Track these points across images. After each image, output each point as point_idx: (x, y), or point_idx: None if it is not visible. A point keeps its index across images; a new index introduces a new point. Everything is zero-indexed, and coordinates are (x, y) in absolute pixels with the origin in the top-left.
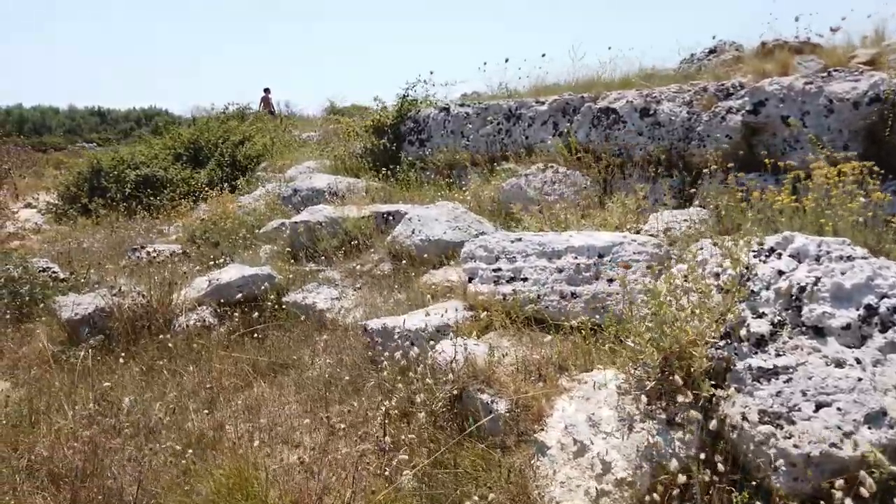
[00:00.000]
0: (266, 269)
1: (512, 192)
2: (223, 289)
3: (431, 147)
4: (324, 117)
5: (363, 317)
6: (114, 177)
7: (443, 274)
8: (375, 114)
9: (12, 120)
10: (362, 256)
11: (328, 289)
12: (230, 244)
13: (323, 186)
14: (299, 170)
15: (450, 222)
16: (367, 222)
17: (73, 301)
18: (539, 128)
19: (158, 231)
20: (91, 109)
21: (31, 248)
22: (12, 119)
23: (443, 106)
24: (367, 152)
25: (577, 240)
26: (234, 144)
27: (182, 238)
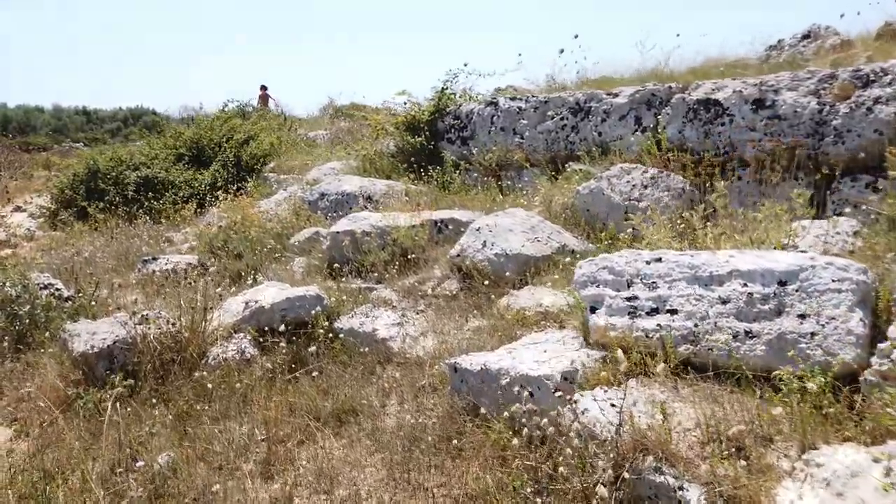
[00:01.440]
0: (313, 289)
1: (591, 198)
2: (264, 313)
3: (476, 145)
4: (331, 115)
5: (436, 348)
6: (112, 178)
7: (529, 296)
8: (409, 109)
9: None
10: (420, 272)
11: (386, 312)
12: (256, 256)
13: (354, 190)
14: (323, 171)
15: (526, 233)
16: (422, 232)
17: (87, 329)
18: (615, 123)
19: (166, 239)
20: (77, 109)
21: (24, 257)
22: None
23: (489, 100)
24: (399, 152)
25: (741, 261)
26: (239, 144)
27: (200, 248)
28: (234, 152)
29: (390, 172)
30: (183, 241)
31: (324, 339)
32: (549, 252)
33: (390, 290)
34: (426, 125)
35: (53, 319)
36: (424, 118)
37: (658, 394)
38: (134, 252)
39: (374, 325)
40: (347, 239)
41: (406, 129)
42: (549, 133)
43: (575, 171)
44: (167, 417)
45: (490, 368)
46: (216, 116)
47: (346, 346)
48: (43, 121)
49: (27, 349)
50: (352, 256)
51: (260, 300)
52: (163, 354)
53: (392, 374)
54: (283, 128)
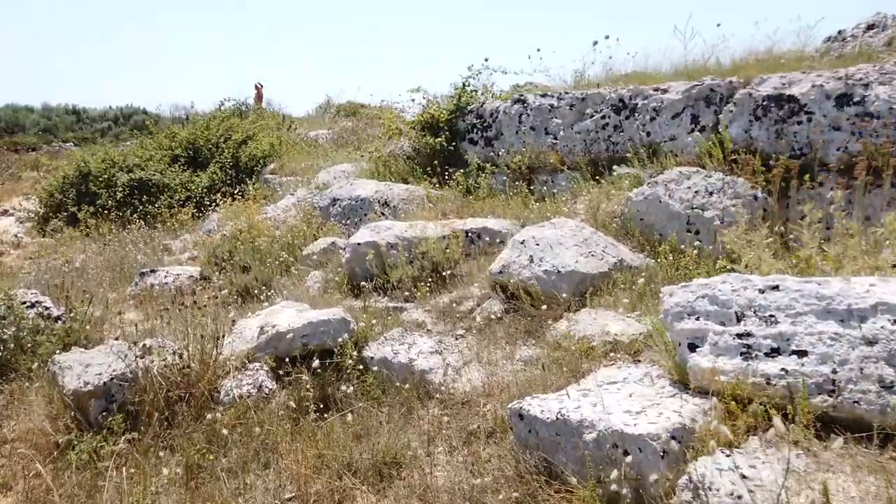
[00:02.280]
0: (338, 312)
1: (646, 206)
2: (282, 340)
3: (502, 146)
4: (332, 114)
5: (484, 383)
6: (104, 181)
7: (591, 321)
8: (427, 108)
9: None
10: (454, 290)
11: (421, 338)
12: (265, 269)
13: (369, 195)
14: (332, 174)
15: (579, 247)
16: (454, 244)
17: (79, 361)
18: (667, 122)
19: (163, 247)
20: (66, 108)
21: (10, 266)
22: None
23: (517, 97)
24: (416, 153)
25: (888, 292)
26: (237, 144)
27: (202, 259)
28: (231, 153)
29: (407, 176)
30: (182, 250)
31: (353, 370)
32: (605, 269)
33: (422, 311)
34: (446, 125)
35: (41, 344)
36: (443, 117)
37: (795, 459)
38: (129, 262)
39: (410, 355)
40: (371, 252)
41: (423, 128)
42: (587, 133)
43: (621, 175)
44: (175, 471)
45: (569, 419)
46: (213, 115)
47: (378, 379)
48: (32, 120)
49: (12, 378)
50: (375, 271)
51: (277, 324)
52: (169, 392)
53: (435, 413)
54: (281, 127)
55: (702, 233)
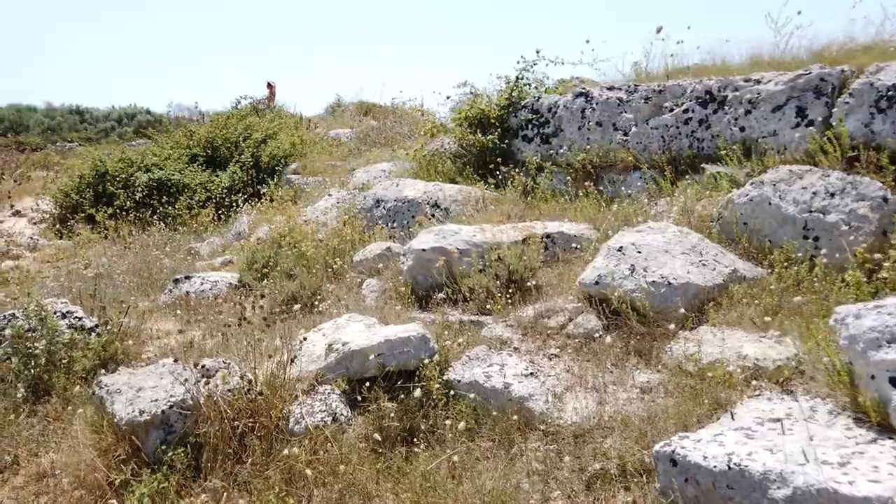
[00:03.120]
0: (416, 328)
1: (752, 209)
2: (354, 359)
3: (562, 144)
4: (351, 112)
5: (595, 413)
6: (121, 181)
7: (717, 342)
8: (475, 103)
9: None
10: (538, 303)
11: (510, 358)
12: (312, 276)
13: (417, 196)
14: (371, 174)
15: (687, 255)
16: (533, 251)
17: (129, 384)
18: (766, 115)
19: (189, 251)
20: (70, 108)
21: (27, 270)
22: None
23: (580, 90)
24: (462, 152)
25: None
26: (257, 143)
27: (240, 264)
28: (252, 153)
29: (454, 175)
30: (212, 254)
31: (440, 395)
32: (720, 280)
33: (504, 326)
34: (497, 121)
35: (77, 360)
36: (494, 113)
37: None
38: (156, 267)
39: (504, 378)
40: (441, 259)
41: (471, 125)
42: (665, 128)
43: (713, 174)
44: None
45: (749, 470)
46: (231, 114)
47: (470, 406)
48: (35, 120)
49: (46, 399)
50: (442, 281)
51: (349, 342)
52: (235, 421)
53: (539, 448)
54: (299, 126)
55: (822, 239)
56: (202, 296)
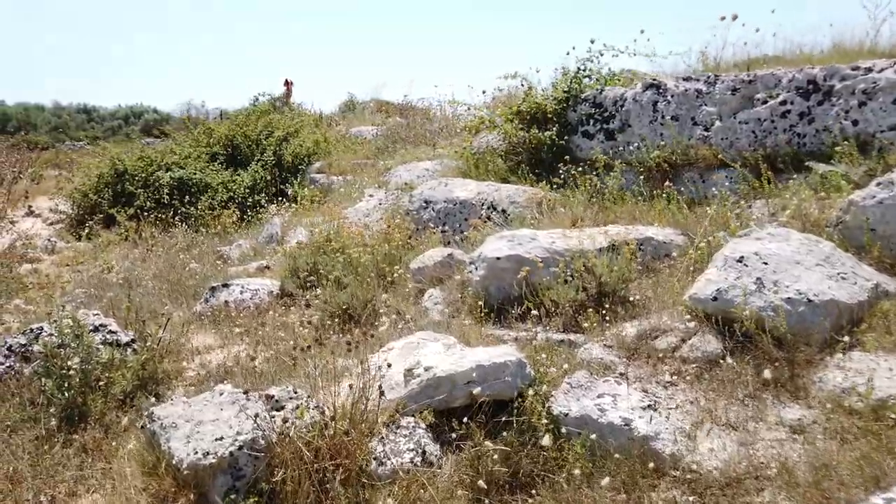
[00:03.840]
0: (509, 350)
1: (881, 213)
2: (440, 387)
3: (630, 140)
4: (372, 110)
5: (745, 459)
6: (141, 180)
7: (886, 372)
8: (528, 96)
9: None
10: (638, 320)
11: (619, 386)
12: (365, 285)
13: (470, 197)
14: (413, 172)
15: (822, 267)
16: (628, 260)
17: (185, 416)
18: (886, 107)
19: (218, 255)
20: (77, 107)
21: (47, 275)
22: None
23: (650, 82)
24: (513, 149)
25: None
26: (279, 141)
27: (281, 271)
28: (273, 151)
29: (506, 175)
30: (242, 259)
31: (545, 431)
32: (864, 297)
33: (601, 347)
34: (554, 115)
35: (115, 382)
36: (551, 107)
37: None
38: (185, 272)
39: (620, 413)
40: (524, 269)
41: (522, 120)
42: (758, 122)
43: (823, 173)
44: None
45: None
46: (251, 111)
47: (582, 445)
48: (43, 119)
49: (81, 426)
50: (520, 292)
51: (432, 367)
52: (315, 463)
53: (676, 499)
54: (320, 124)
55: None
56: (242, 305)
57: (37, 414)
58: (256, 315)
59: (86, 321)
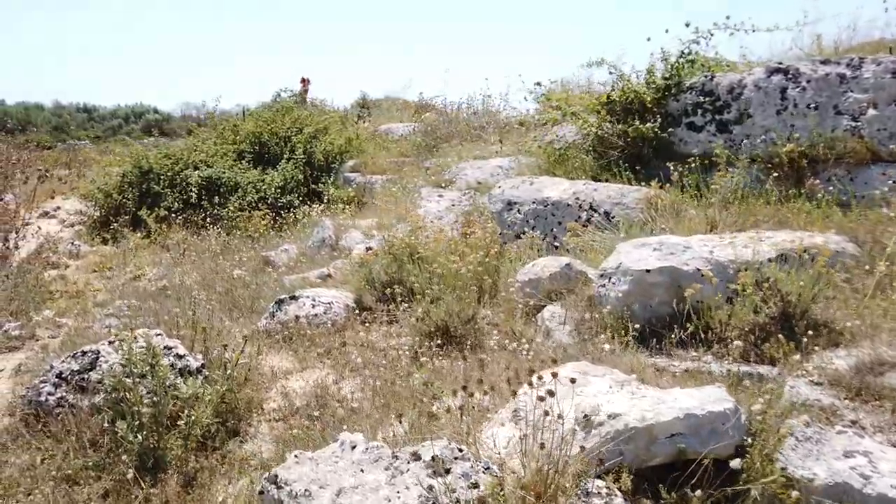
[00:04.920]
0: (720, 394)
1: None
2: (635, 440)
3: (751, 132)
4: (399, 106)
5: None
6: (167, 179)
7: None
8: (626, 83)
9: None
10: (846, 349)
11: (863, 440)
12: (462, 299)
13: (564, 197)
14: (485, 171)
15: None
16: (817, 272)
17: (316, 481)
18: None
19: (264, 260)
20: (77, 106)
21: (75, 282)
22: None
23: (775, 66)
24: (604, 143)
25: None
26: (308, 139)
27: (355, 282)
28: (304, 149)
29: (596, 172)
30: (293, 265)
31: None
32: None
33: (808, 385)
34: (654, 105)
35: (196, 420)
36: (650, 96)
37: None
38: (230, 280)
39: (890, 480)
40: (688, 285)
41: (611, 111)
42: None
43: None
44: None
45: None
46: (279, 107)
47: None
48: (43, 118)
49: (157, 474)
50: (673, 312)
51: (619, 414)
52: None
53: None
54: (346, 121)
55: None
56: (316, 321)
57: (102, 460)
58: (334, 333)
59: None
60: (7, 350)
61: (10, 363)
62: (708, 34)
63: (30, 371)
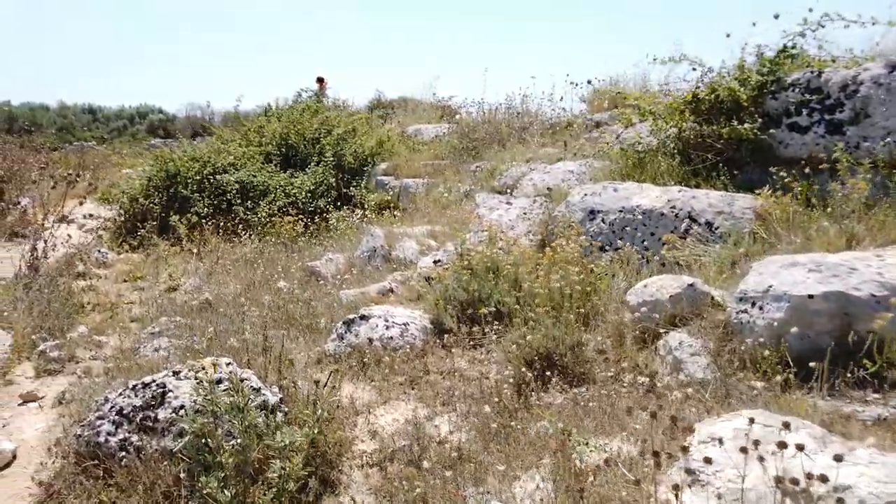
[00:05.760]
0: None
1: None
2: None
3: (869, 133)
4: (435, 106)
5: None
6: (195, 183)
7: None
8: (718, 81)
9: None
10: None
11: None
12: (569, 324)
13: (657, 205)
14: (554, 176)
15: None
16: None
17: None
18: None
19: (311, 272)
20: (82, 107)
21: (105, 293)
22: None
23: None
24: (689, 145)
25: None
26: (337, 140)
27: (427, 297)
28: (333, 151)
29: (687, 177)
30: (344, 277)
31: None
32: None
33: None
34: (751, 104)
35: (289, 475)
36: (745, 95)
37: None
38: (275, 292)
39: None
40: (875, 315)
41: (695, 111)
42: None
43: None
44: None
45: None
46: (305, 106)
47: None
48: (48, 119)
49: None
50: (837, 343)
51: (852, 488)
52: None
53: None
54: (370, 122)
55: None
56: (390, 344)
57: None
58: (413, 358)
59: (218, 371)
60: (46, 374)
61: (52, 389)
62: (818, 26)
63: (75, 400)
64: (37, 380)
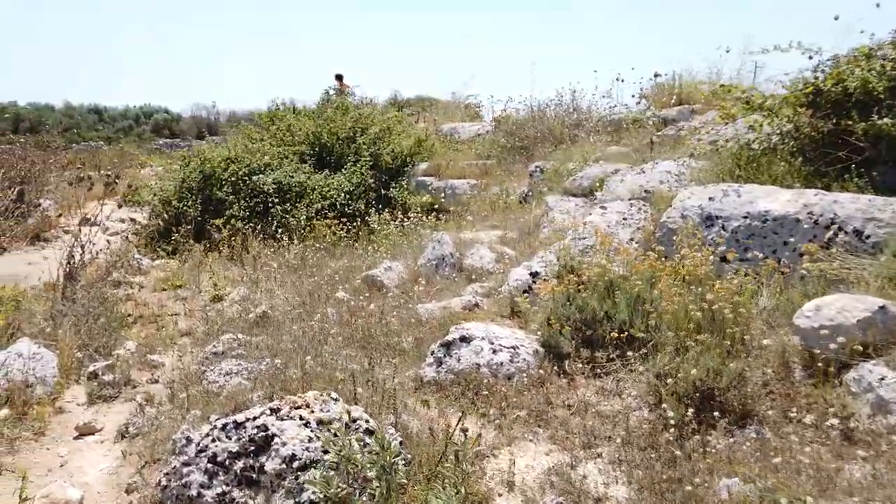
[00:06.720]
0: None
1: None
2: None
3: None
4: (463, 105)
5: None
6: (230, 185)
7: None
8: (844, 71)
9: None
10: None
11: None
12: (713, 351)
13: (790, 211)
14: (652, 177)
15: None
16: None
17: None
18: None
19: (369, 281)
20: (88, 107)
21: (146, 303)
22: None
23: None
24: (811, 141)
25: None
26: (373, 140)
27: (540, 318)
28: (369, 150)
29: (812, 178)
30: (409, 288)
31: None
32: None
33: None
34: (888, 96)
35: None
36: (882, 86)
37: None
38: (336, 304)
39: None
40: None
41: (812, 104)
42: None
43: None
44: None
45: None
46: (338, 104)
47: None
48: (54, 119)
49: None
50: None
51: None
52: None
53: None
54: (403, 121)
55: None
56: (500, 371)
57: None
58: (530, 388)
59: (324, 410)
60: (100, 400)
61: (109, 419)
62: None
63: (140, 434)
64: (90, 407)
